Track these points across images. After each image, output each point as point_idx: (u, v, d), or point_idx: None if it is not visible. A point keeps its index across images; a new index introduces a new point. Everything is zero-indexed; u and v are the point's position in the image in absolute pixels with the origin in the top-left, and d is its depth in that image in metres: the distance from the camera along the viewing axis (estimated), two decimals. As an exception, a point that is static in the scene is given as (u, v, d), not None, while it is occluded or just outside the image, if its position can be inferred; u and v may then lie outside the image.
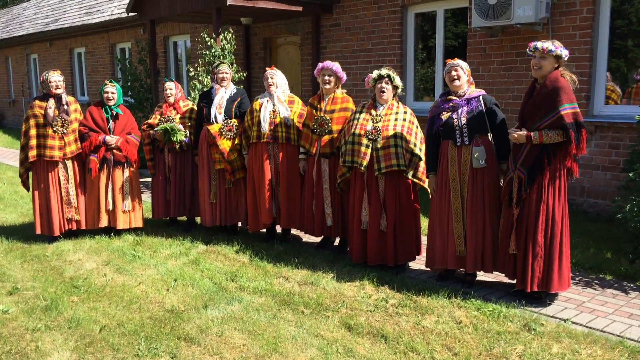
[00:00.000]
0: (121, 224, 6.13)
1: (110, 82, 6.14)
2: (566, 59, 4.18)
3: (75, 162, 6.04)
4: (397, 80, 4.99)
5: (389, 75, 4.95)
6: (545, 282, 4.22)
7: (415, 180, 4.89)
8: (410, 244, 5.00)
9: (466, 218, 4.51)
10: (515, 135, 4.19)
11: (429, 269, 5.03)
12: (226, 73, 6.07)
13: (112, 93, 6.06)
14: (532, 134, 4.11)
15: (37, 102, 5.94)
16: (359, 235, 5.06)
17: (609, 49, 6.64)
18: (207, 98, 6.13)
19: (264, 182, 5.70)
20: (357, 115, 5.04)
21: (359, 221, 5.03)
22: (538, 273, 4.20)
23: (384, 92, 4.95)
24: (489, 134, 4.54)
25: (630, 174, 4.91)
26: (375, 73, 4.99)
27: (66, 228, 6.07)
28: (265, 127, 5.62)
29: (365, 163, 4.87)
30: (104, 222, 6.10)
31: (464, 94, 4.57)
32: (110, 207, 6.07)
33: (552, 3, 6.80)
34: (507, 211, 4.35)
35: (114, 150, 6.03)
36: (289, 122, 5.65)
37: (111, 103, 6.06)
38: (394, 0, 8.63)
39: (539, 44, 4.15)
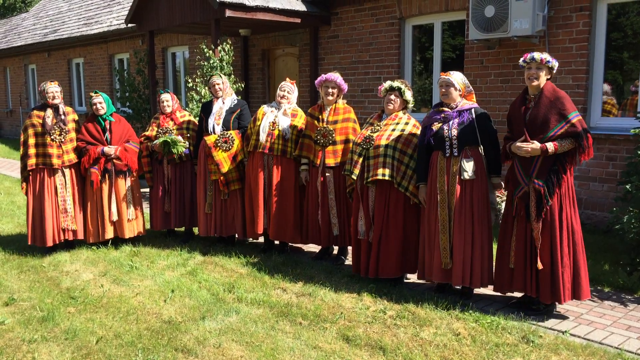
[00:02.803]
0: (128, 232, 6.14)
1: (95, 92, 6.11)
2: (555, 70, 4.24)
3: (72, 171, 6.03)
4: (408, 95, 4.95)
5: (399, 88, 4.94)
6: (574, 291, 4.22)
7: (407, 194, 4.80)
8: (393, 258, 4.86)
9: (453, 230, 4.47)
10: (529, 149, 4.14)
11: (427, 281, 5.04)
12: (217, 84, 6.07)
13: (100, 103, 6.03)
14: (548, 146, 4.09)
15: (35, 111, 5.98)
16: (356, 245, 5.07)
17: (605, 61, 6.70)
18: (207, 109, 6.15)
19: (257, 193, 5.74)
20: (363, 126, 5.11)
21: (355, 231, 5.04)
22: (568, 283, 4.19)
23: (390, 104, 4.97)
24: (479, 147, 4.53)
25: (628, 186, 4.92)
26: (387, 84, 4.99)
27: (61, 238, 6.04)
28: (263, 137, 5.64)
29: (356, 171, 4.89)
30: (109, 234, 6.10)
31: (456, 106, 4.59)
32: (115, 218, 6.07)
33: (549, 16, 6.86)
34: (523, 227, 4.29)
35: (115, 160, 6.04)
36: (287, 136, 5.66)
37: (101, 112, 6.03)
38: (391, 12, 8.69)
39: (536, 55, 4.16)
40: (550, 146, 4.09)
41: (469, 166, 4.44)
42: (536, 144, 4.13)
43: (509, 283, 4.43)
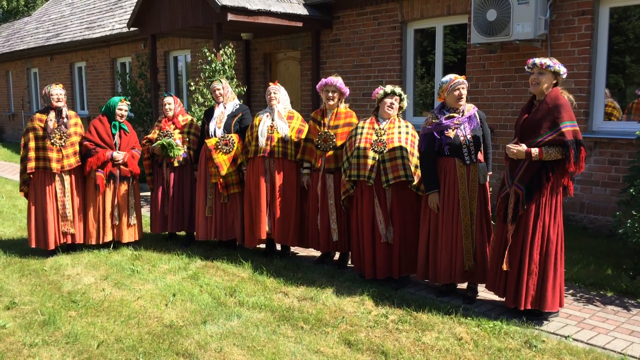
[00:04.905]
0: (126, 237, 6.17)
1: (125, 99, 6.21)
2: (564, 76, 4.20)
3: (72, 176, 6.03)
4: (405, 103, 5.12)
5: (400, 95, 5.05)
6: (539, 300, 4.19)
7: (419, 193, 4.89)
8: (413, 255, 4.99)
9: (475, 233, 4.54)
10: (515, 151, 4.17)
11: (429, 285, 5.02)
12: (218, 90, 6.08)
13: (126, 111, 6.16)
14: (532, 151, 4.10)
15: (37, 115, 5.98)
16: (369, 250, 5.03)
17: (607, 65, 6.69)
18: (209, 114, 6.17)
19: (259, 197, 5.70)
20: (360, 130, 5.07)
21: (370, 236, 5.00)
22: (532, 291, 4.17)
23: (391, 108, 5.01)
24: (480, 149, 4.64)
25: (631, 190, 4.91)
26: (388, 88, 5.04)
27: (61, 241, 6.04)
28: (262, 141, 5.64)
29: (373, 175, 4.89)
30: (109, 237, 6.13)
31: (462, 111, 4.60)
32: (117, 222, 6.11)
33: (551, 20, 6.86)
34: (501, 227, 4.34)
35: (121, 166, 6.05)
36: (287, 138, 5.66)
37: (122, 120, 6.14)
38: (393, 16, 8.69)
39: (537, 60, 4.17)
40: (535, 151, 4.09)
41: (484, 170, 4.56)
42: (522, 147, 4.15)
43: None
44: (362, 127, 5.08)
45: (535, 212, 4.15)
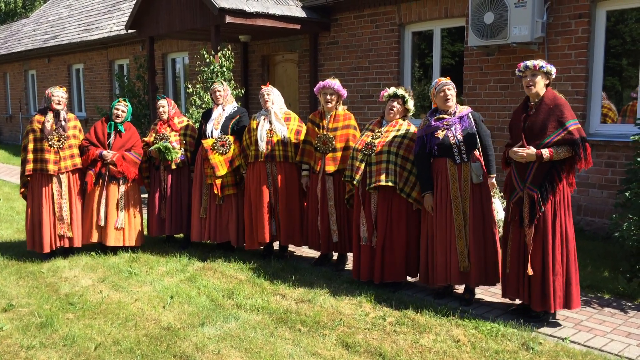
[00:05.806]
0: (112, 240, 6.02)
1: (124, 100, 6.19)
2: (554, 76, 4.24)
3: (70, 178, 6.01)
4: (410, 104, 5.03)
5: (402, 97, 5.00)
6: (567, 300, 4.19)
7: (410, 200, 4.84)
8: (398, 263, 4.90)
9: (469, 233, 4.51)
10: (524, 154, 4.16)
11: (426, 287, 5.03)
12: (218, 91, 6.10)
13: (122, 112, 6.11)
14: (543, 152, 4.11)
15: (36, 116, 5.98)
16: (355, 250, 5.07)
17: (604, 68, 6.71)
18: (207, 116, 6.17)
19: (262, 201, 5.68)
20: (363, 132, 5.11)
21: (356, 237, 5.04)
22: (560, 292, 4.16)
23: (392, 111, 5.00)
24: (478, 149, 4.62)
25: (627, 194, 4.92)
26: (391, 90, 5.03)
27: (58, 245, 5.99)
28: (263, 146, 5.63)
29: (357, 177, 4.89)
30: (94, 238, 6.03)
31: (454, 112, 4.61)
32: (102, 223, 6.00)
33: (548, 23, 6.88)
34: (518, 232, 4.31)
35: (110, 166, 6.02)
36: (286, 140, 5.67)
37: (118, 120, 6.10)
38: (391, 19, 8.71)
39: (529, 63, 4.21)
40: (546, 152, 4.10)
41: (478, 170, 4.52)
42: (531, 150, 4.15)
43: (505, 288, 4.49)
44: (366, 129, 5.12)
45: (552, 212, 4.16)
